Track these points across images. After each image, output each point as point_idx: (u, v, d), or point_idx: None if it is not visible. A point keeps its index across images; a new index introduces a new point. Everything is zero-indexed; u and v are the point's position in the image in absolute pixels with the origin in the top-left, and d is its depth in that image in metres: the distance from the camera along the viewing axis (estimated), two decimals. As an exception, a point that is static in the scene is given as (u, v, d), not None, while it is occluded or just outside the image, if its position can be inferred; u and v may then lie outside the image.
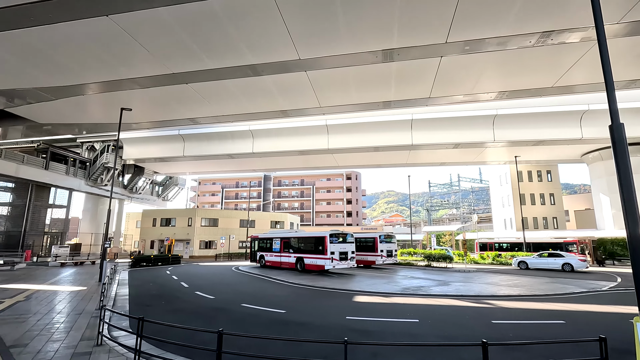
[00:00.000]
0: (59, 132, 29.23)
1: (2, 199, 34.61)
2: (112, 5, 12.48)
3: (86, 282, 16.45)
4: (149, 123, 26.34)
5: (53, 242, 36.95)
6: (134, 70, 17.57)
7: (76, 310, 9.82)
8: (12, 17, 13.00)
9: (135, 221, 46.80)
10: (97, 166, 34.76)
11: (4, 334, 7.12)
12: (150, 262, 27.91)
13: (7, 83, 19.08)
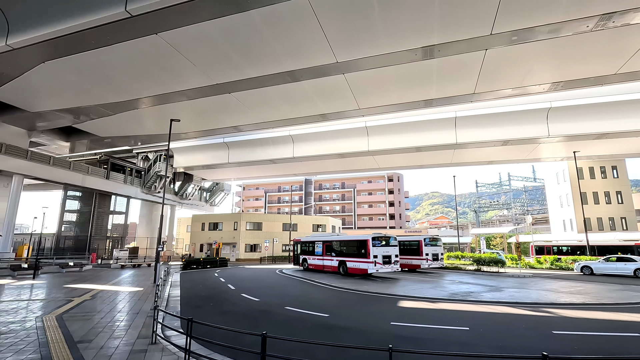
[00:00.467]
0: (117, 144, 31.82)
1: (72, 206, 38.24)
2: (161, 23, 13.30)
3: (143, 283, 17.60)
4: (196, 132, 27.76)
5: (114, 245, 40.13)
6: (181, 83, 18.60)
7: (134, 309, 10.52)
8: (77, 42, 14.32)
9: (185, 226, 49.46)
10: (150, 175, 37.26)
11: (73, 331, 7.78)
12: (199, 265, 29.28)
13: (74, 102, 21.07)
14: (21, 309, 10.46)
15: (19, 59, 15.80)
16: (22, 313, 9.78)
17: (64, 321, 8.73)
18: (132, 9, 11.90)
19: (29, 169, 25.77)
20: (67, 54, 15.55)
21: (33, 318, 9.08)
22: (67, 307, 10.64)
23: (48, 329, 7.92)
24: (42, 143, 30.13)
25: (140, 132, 27.94)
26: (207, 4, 11.98)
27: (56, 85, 19.01)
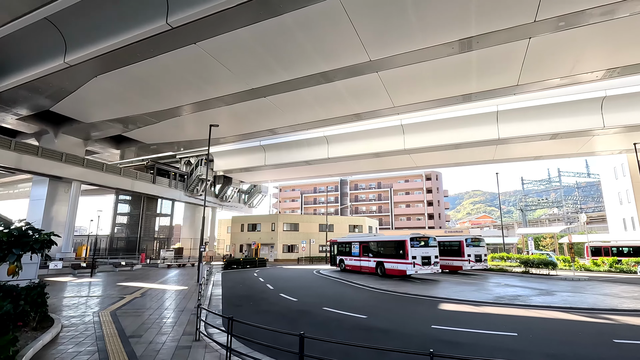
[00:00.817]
0: (162, 150, 33.64)
1: (123, 209, 40.96)
2: (199, 33, 13.87)
3: (187, 282, 18.44)
4: (234, 137, 28.67)
5: (161, 246, 42.43)
6: (219, 89, 19.28)
7: (179, 307, 11.04)
8: (124, 56, 15.30)
9: (226, 227, 51.22)
10: (193, 178, 39.03)
11: (125, 326, 8.31)
12: (240, 265, 30.18)
13: (123, 112, 22.54)
14: (81, 304, 11.34)
15: (75, 74, 17.17)
16: (81, 308, 10.60)
17: (117, 317, 9.35)
18: (172, 21, 12.51)
19: (85, 175, 27.95)
20: (115, 67, 16.69)
21: (91, 313, 9.81)
22: (120, 304, 11.38)
23: (103, 323, 8.52)
24: (96, 151, 32.59)
25: (182, 138, 29.36)
26: (242, 11, 12.32)
27: (107, 96, 20.46)
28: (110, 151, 32.85)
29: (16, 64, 17.49)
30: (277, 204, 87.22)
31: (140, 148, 31.78)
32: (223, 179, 44.25)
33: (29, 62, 16.95)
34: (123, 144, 30.80)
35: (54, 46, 15.55)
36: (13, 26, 12.85)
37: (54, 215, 26.24)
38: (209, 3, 11.85)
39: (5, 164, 23.01)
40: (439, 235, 31.79)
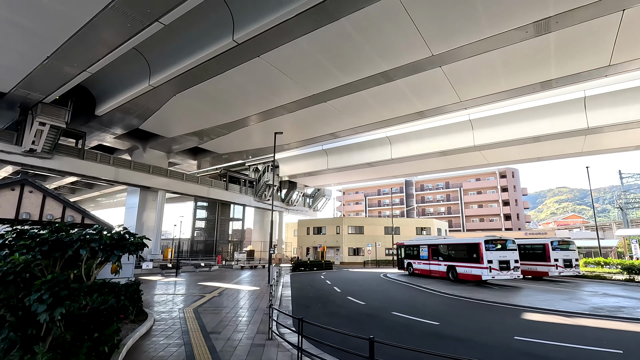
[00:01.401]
0: (233, 159, 36.02)
1: (201, 215, 44.62)
2: (262, 46, 14.61)
3: (258, 283, 19.39)
4: (297, 142, 29.55)
5: (235, 249, 45.29)
6: (282, 98, 20.07)
7: (252, 306, 11.65)
8: (198, 74, 16.73)
9: (292, 230, 52.92)
10: (260, 184, 41.08)
11: (206, 322, 9.01)
12: (307, 267, 30.89)
13: (198, 125, 24.63)
14: (168, 301, 12.58)
15: (158, 95, 19.24)
16: (169, 305, 11.76)
17: (199, 314, 10.18)
18: (238, 37, 13.36)
19: (169, 185, 31.07)
20: (190, 85, 18.33)
21: (177, 309, 10.83)
22: (201, 302, 12.38)
23: (187, 319, 9.34)
24: (176, 162, 36.10)
25: (250, 147, 31.14)
26: (301, 20, 12.68)
27: (184, 113, 22.57)
28: (188, 162, 36.15)
29: (112, 90, 20.18)
30: (340, 207, 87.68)
31: (214, 158, 34.43)
32: (288, 184, 45.85)
33: (121, 88, 19.43)
34: (199, 155, 33.67)
35: (141, 72, 17.62)
36: (109, 58, 14.87)
37: (145, 220, 29.60)
38: (271, 16, 12.42)
39: (107, 177, 26.61)
40: (519, 237, 29.07)
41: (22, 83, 17.25)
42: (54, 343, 4.08)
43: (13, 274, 3.67)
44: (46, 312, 3.56)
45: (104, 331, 4.69)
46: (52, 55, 14.67)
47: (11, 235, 4.51)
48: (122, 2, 11.32)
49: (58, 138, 21.86)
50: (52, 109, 19.99)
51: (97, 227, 5.15)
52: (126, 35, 13.09)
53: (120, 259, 4.88)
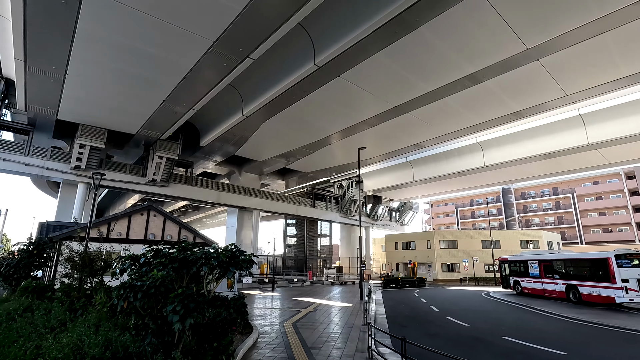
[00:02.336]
0: (317, 177, 37.28)
1: (290, 232, 46.84)
2: (342, 66, 15.08)
3: (350, 299, 19.31)
4: (380, 156, 29.28)
5: (324, 264, 46.18)
6: (363, 113, 20.24)
7: (348, 323, 11.61)
8: (284, 100, 17.89)
9: (380, 245, 51.88)
10: (345, 200, 41.51)
11: (306, 337, 9.26)
12: (398, 284, 29.80)
13: (285, 148, 26.20)
14: (268, 315, 13.31)
15: (250, 123, 21.10)
16: (269, 318, 12.43)
17: (298, 328, 10.53)
18: (319, 61, 13.99)
19: (262, 204, 33.43)
20: (277, 111, 19.71)
21: (277, 323, 11.37)
22: (299, 317, 12.81)
23: (288, 333, 9.72)
24: (267, 183, 38.78)
25: (333, 164, 31.89)
26: (379, 35, 12.75)
27: (273, 137, 24.26)
28: (277, 182, 38.54)
29: (212, 123, 22.82)
30: (429, 220, 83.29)
31: (300, 177, 36.12)
32: (373, 198, 45.44)
33: (219, 120, 21.83)
34: (287, 175, 35.68)
35: (235, 104, 19.60)
36: (209, 95, 16.95)
37: (243, 238, 32.21)
38: (348, 36, 12.75)
39: (210, 200, 29.86)
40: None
41: (145, 125, 20.62)
42: (184, 350, 4.62)
43: (154, 287, 4.33)
44: (179, 322, 4.08)
45: (221, 341, 5.16)
46: (166, 99, 17.28)
47: (150, 254, 5.38)
48: (219, 45, 12.85)
49: (172, 168, 25.41)
50: (167, 144, 23.40)
51: (215, 246, 5.83)
52: (223, 73, 14.77)
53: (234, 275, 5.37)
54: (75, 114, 19.62)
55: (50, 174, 22.43)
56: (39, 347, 4.82)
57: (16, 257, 12.84)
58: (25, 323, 6.69)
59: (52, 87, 16.43)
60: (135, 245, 14.60)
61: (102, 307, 5.97)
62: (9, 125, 22.12)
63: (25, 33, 12.39)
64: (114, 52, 13.74)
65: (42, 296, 9.81)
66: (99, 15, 11.53)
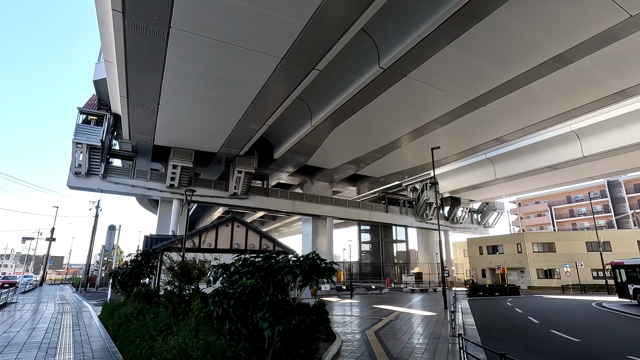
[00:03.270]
0: (389, 181, 36.47)
1: (365, 238, 46.45)
2: (408, 66, 14.63)
3: (433, 308, 18.29)
4: (455, 155, 27.56)
5: (401, 271, 44.72)
6: (434, 112, 19.32)
7: (434, 334, 10.96)
8: (350, 107, 17.97)
9: (462, 250, 48.53)
10: (420, 203, 39.83)
11: (390, 347, 8.96)
12: (486, 292, 27.43)
13: (354, 154, 26.20)
14: (349, 322, 13.24)
15: (319, 133, 21.56)
16: (350, 326, 12.35)
17: (380, 337, 10.26)
18: (384, 63, 13.76)
19: (334, 211, 33.77)
20: (345, 118, 19.83)
21: (359, 331, 11.24)
22: (380, 325, 12.50)
23: (371, 342, 9.52)
24: (339, 190, 39.10)
25: (405, 167, 30.89)
26: (446, 28, 12.10)
27: (341, 144, 24.45)
28: (349, 189, 38.62)
29: (284, 136, 23.85)
30: (517, 221, 75.55)
31: (371, 182, 35.70)
32: (451, 200, 42.86)
33: (290, 133, 22.72)
34: (358, 181, 35.56)
35: (303, 116, 20.23)
36: (280, 110, 17.77)
37: (319, 246, 32.82)
38: (413, 34, 12.32)
39: (285, 209, 31.11)
40: None
41: (225, 143, 22.39)
42: (273, 356, 4.79)
43: (244, 295, 4.60)
44: (269, 328, 4.25)
45: (308, 348, 5.24)
46: (242, 118, 18.57)
47: (238, 263, 5.77)
48: (286, 61, 13.44)
49: (250, 182, 27.12)
50: (245, 159, 25.08)
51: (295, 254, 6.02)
52: (291, 87, 15.38)
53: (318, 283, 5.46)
54: (168, 138, 22.17)
55: (150, 193, 25.60)
56: (151, 347, 5.45)
57: (128, 266, 14.82)
58: (139, 325, 7.63)
59: (148, 117, 18.83)
60: (224, 255, 15.82)
61: (199, 313, 6.54)
62: (118, 153, 25.93)
63: (126, 74, 14.45)
64: (196, 81, 15.26)
65: (150, 301, 11.13)
66: (183, 49, 12.92)
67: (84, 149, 21.83)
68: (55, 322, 11.87)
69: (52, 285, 46.07)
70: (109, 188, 23.88)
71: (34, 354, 7.36)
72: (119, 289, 14.66)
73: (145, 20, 11.28)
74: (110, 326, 9.84)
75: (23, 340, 8.80)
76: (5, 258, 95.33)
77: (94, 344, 8.35)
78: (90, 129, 21.91)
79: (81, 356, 7.10)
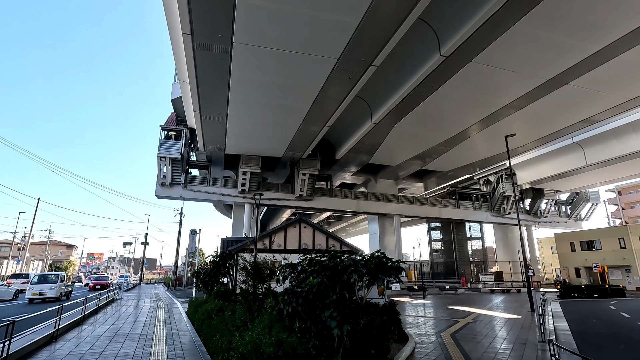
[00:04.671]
0: (459, 175, 34.36)
1: (435, 236, 44.39)
2: (472, 50, 13.65)
3: (518, 310, 16.72)
4: (534, 142, 25.02)
5: (478, 270, 41.77)
6: (505, 96, 17.78)
7: (519, 339, 10.00)
8: (413, 99, 17.36)
9: (549, 247, 43.70)
10: (496, 197, 36.81)
11: (469, 351, 8.40)
12: (582, 293, 24.27)
13: (419, 148, 25.22)
14: (421, 324, 12.72)
15: (380, 129, 21.18)
16: (423, 327, 11.85)
17: (457, 340, 9.67)
18: (445, 50, 13.03)
19: (401, 209, 32.84)
20: (407, 112, 19.19)
21: (433, 333, 10.73)
22: (457, 327, 11.80)
23: (447, 345, 9.02)
24: (404, 187, 37.94)
25: (476, 159, 28.82)
26: (513, 4, 11.05)
27: (404, 139, 23.69)
28: (415, 185, 37.25)
29: (345, 136, 23.89)
30: (617, 212, 65.68)
31: (439, 177, 33.99)
32: (532, 191, 38.93)
33: (351, 132, 22.68)
34: (424, 176, 34.13)
35: (363, 114, 20.05)
36: (339, 110, 17.85)
37: (386, 245, 32.19)
38: (476, 16, 11.47)
39: (350, 209, 31.11)
40: None
41: (288, 147, 23.18)
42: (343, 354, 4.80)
43: (311, 293, 4.70)
44: (337, 327, 4.27)
45: (378, 349, 5.15)
46: (303, 121, 19.04)
47: (305, 262, 5.92)
48: (342, 61, 13.44)
49: (314, 183, 27.67)
50: (308, 162, 25.67)
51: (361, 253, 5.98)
52: (349, 86, 15.34)
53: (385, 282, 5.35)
54: (237, 147, 23.66)
55: (224, 199, 27.56)
56: (230, 342, 5.85)
57: (208, 267, 16.11)
58: (219, 321, 8.23)
59: (219, 129, 20.30)
60: (292, 255, 16.37)
61: (272, 310, 6.83)
62: (195, 164, 28.41)
63: (198, 90, 15.76)
64: (258, 90, 16.05)
65: (228, 299, 11.94)
66: (245, 61, 13.68)
67: (167, 162, 24.33)
68: (151, 317, 13.38)
69: (148, 284, 52.14)
70: (189, 196, 26.24)
71: (135, 343, 8.38)
72: (201, 287, 16.00)
73: (210, 38, 12.19)
74: (195, 321, 10.78)
75: (127, 332, 10.06)
76: (111, 260, 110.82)
77: (182, 337, 9.23)
78: (171, 143, 24.36)
79: (172, 347, 7.89)
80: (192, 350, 7.55)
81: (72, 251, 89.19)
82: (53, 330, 8.77)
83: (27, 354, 7.14)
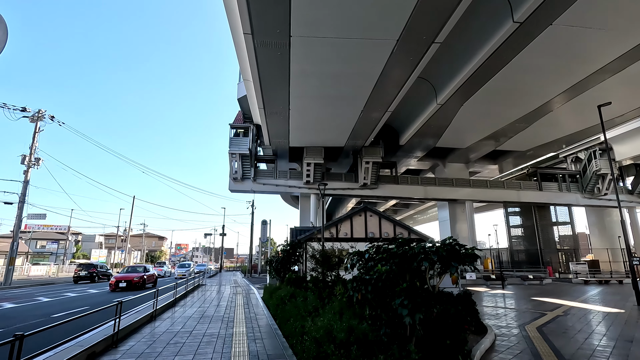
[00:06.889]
0: (540, 154, 31.05)
1: (514, 222, 40.91)
2: (551, 12, 12.13)
3: (619, 304, 14.71)
4: (636, 110, 21.46)
5: (568, 259, 37.55)
6: (597, 60, 15.53)
7: (623, 335, 8.80)
8: (482, 75, 16.03)
9: (658, 231, 37.39)
10: (588, 176, 32.53)
11: (559, 347, 7.63)
12: None
13: (491, 128, 23.31)
14: (501, 315, 11.87)
15: (446, 110, 19.99)
16: (504, 319, 11.05)
17: (545, 334, 8.84)
18: (519, 16, 11.74)
19: (473, 194, 30.77)
20: (477, 89, 17.78)
21: (516, 325, 9.95)
22: (543, 321, 10.79)
23: (533, 339, 8.30)
24: (476, 171, 35.42)
25: (560, 135, 25.74)
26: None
27: (474, 119, 22.03)
28: (488, 168, 34.55)
29: (408, 120, 23.02)
30: None
31: (516, 157, 31.09)
32: (635, 168, 33.60)
33: (414, 115, 21.76)
34: (499, 158, 31.47)
35: (427, 95, 19.06)
36: (401, 93, 17.18)
37: (458, 232, 30.52)
38: (558, -31, 10.07)
39: (418, 195, 30.03)
40: None
41: (350, 136, 23.07)
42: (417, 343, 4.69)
43: (380, 281, 4.66)
44: (408, 315, 4.18)
45: (454, 339, 4.93)
46: (364, 109, 18.76)
47: (372, 250, 5.89)
48: (402, 42, 12.87)
49: (378, 171, 27.23)
50: (371, 150, 25.32)
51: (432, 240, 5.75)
52: (411, 68, 14.67)
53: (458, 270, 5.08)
54: (300, 139, 24.25)
55: (291, 190, 28.55)
56: (302, 326, 6.09)
57: (280, 255, 16.91)
58: (292, 306, 8.61)
59: (282, 123, 20.98)
60: (359, 243, 16.40)
61: (341, 297, 6.93)
62: (262, 158, 29.83)
63: (261, 87, 16.41)
64: (317, 80, 16.17)
65: (300, 286, 12.42)
66: (303, 53, 13.85)
67: (237, 158, 25.94)
68: (231, 301, 14.53)
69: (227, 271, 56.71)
70: (259, 189, 27.70)
71: (219, 325, 9.20)
72: (274, 275, 16.88)
73: (269, 35, 12.56)
74: (270, 306, 11.43)
75: (212, 314, 11.09)
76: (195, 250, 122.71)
77: (259, 320, 9.88)
78: (240, 140, 25.89)
79: (251, 329, 8.49)
80: (269, 333, 8.04)
81: (163, 242, 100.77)
82: (152, 310, 10.03)
83: (133, 330, 8.27)
